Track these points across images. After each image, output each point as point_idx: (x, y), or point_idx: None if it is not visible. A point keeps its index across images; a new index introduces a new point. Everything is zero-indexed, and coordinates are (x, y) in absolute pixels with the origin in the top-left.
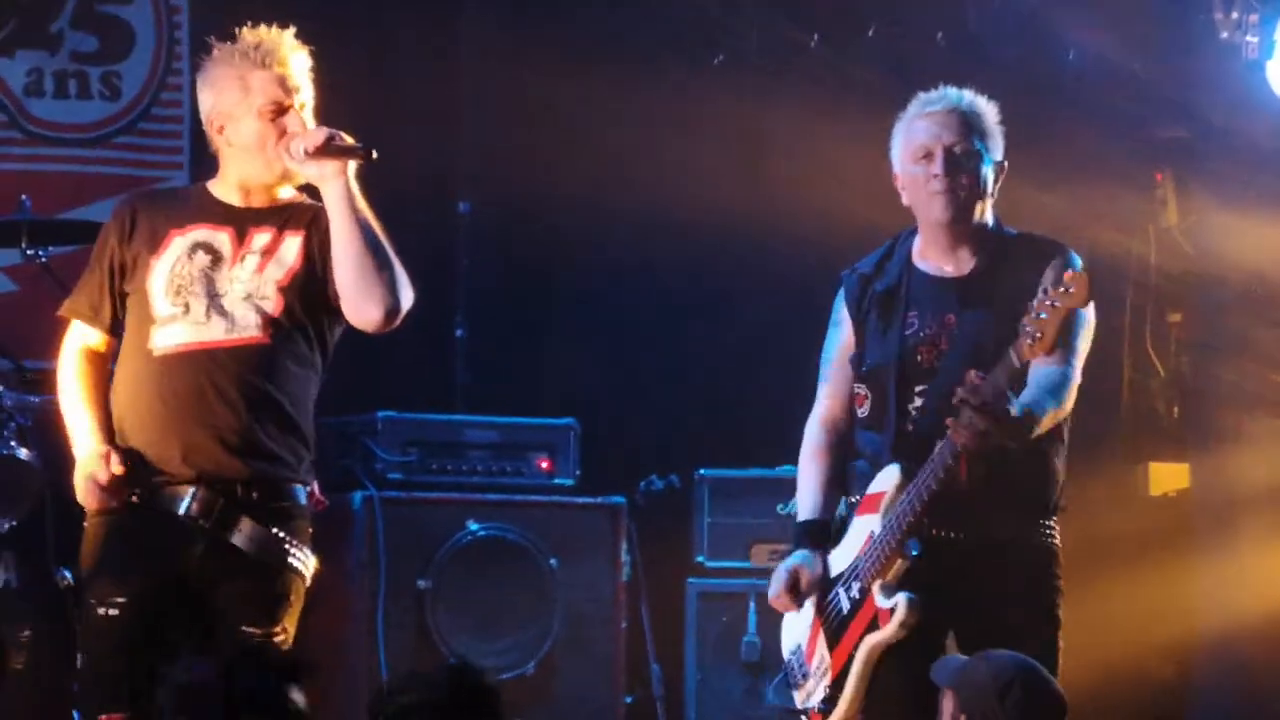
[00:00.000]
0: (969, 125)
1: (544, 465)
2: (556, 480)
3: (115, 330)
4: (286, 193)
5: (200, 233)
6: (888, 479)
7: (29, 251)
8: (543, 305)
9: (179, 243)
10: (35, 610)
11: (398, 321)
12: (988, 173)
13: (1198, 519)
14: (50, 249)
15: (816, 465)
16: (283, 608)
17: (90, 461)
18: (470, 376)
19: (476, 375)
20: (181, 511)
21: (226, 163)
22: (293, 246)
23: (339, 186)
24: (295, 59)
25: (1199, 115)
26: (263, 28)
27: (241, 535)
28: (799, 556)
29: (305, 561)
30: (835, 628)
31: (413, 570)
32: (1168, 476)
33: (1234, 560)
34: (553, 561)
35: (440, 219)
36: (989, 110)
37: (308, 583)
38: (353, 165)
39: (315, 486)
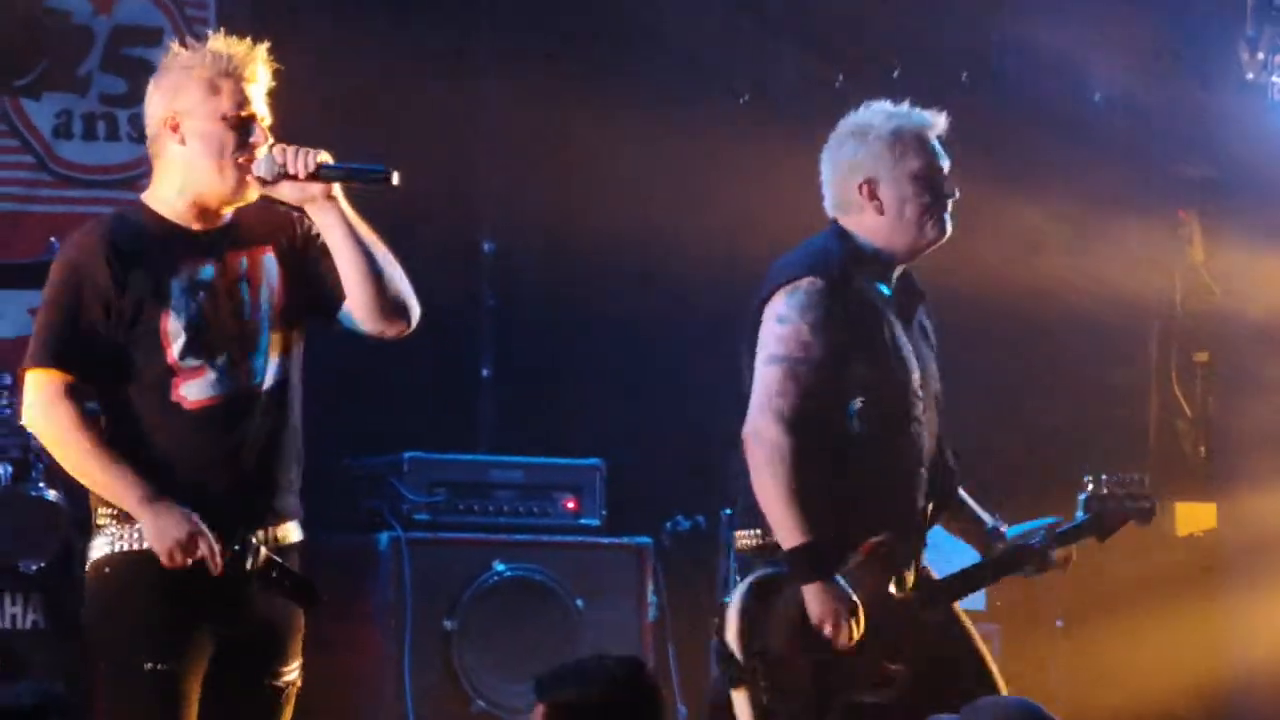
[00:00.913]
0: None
1: (570, 505)
2: (583, 520)
3: (93, 376)
4: (231, 209)
5: (190, 270)
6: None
7: None
8: (568, 345)
9: (178, 288)
10: (64, 651)
11: (413, 326)
12: None
13: (1225, 559)
14: None
15: (799, 481)
16: (300, 641)
17: (175, 525)
18: (496, 417)
19: (502, 415)
20: (218, 561)
21: (171, 170)
22: (270, 267)
23: (335, 211)
24: (264, 75)
25: (1224, 154)
26: (234, 39)
27: (281, 580)
28: (834, 593)
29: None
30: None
31: (439, 611)
32: (1195, 517)
33: (1262, 600)
34: (579, 602)
35: (465, 259)
36: None
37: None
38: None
39: None
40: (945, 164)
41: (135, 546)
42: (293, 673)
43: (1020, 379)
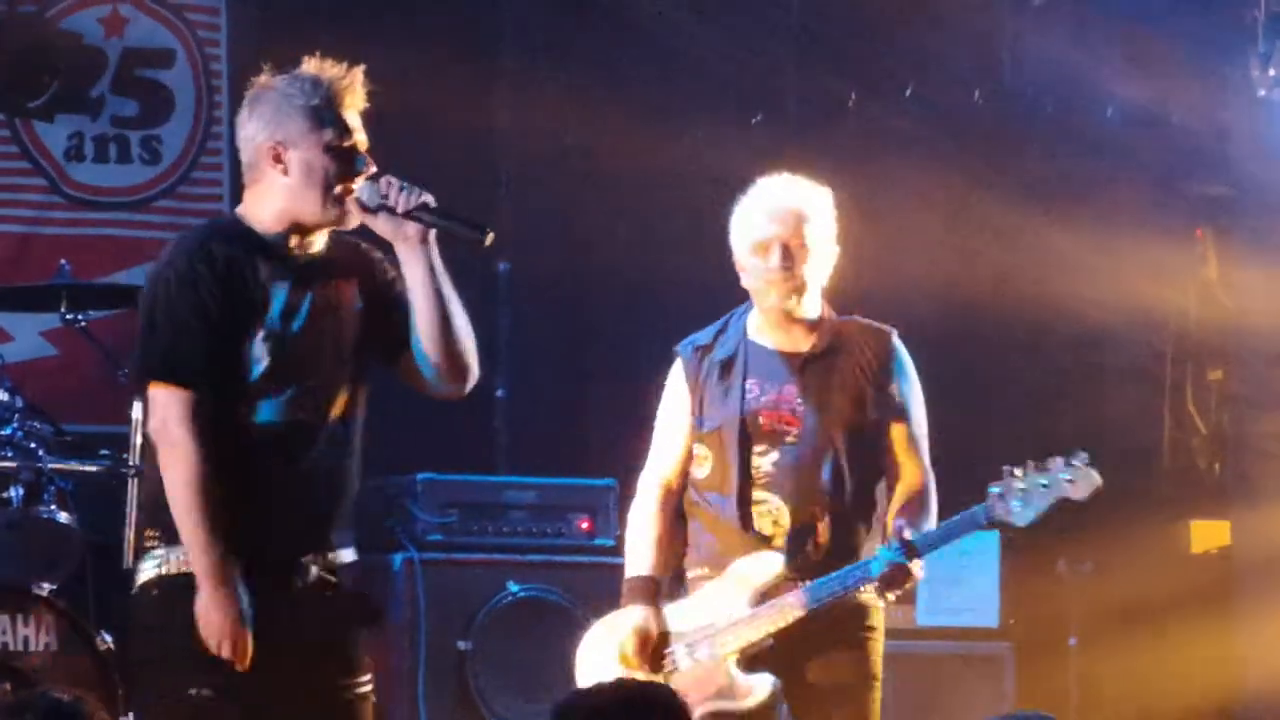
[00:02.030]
0: (801, 219)
1: (584, 526)
2: (597, 541)
3: (211, 390)
4: (324, 235)
5: (282, 290)
6: (764, 567)
7: (68, 316)
8: (582, 365)
9: (275, 304)
10: (77, 673)
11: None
12: (820, 262)
13: (1239, 576)
14: (90, 313)
15: (651, 522)
16: (365, 657)
17: (227, 612)
18: (510, 437)
19: (516, 436)
20: (272, 584)
21: (270, 195)
22: (351, 298)
23: (423, 254)
24: (363, 100)
25: (1237, 170)
26: (330, 62)
27: (337, 602)
28: (640, 615)
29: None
30: (675, 682)
31: (453, 631)
32: (1209, 534)
33: (1276, 617)
34: (593, 622)
35: (479, 279)
36: (821, 200)
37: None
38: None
39: None
40: (773, 238)
41: (182, 569)
42: (365, 685)
43: (1034, 395)
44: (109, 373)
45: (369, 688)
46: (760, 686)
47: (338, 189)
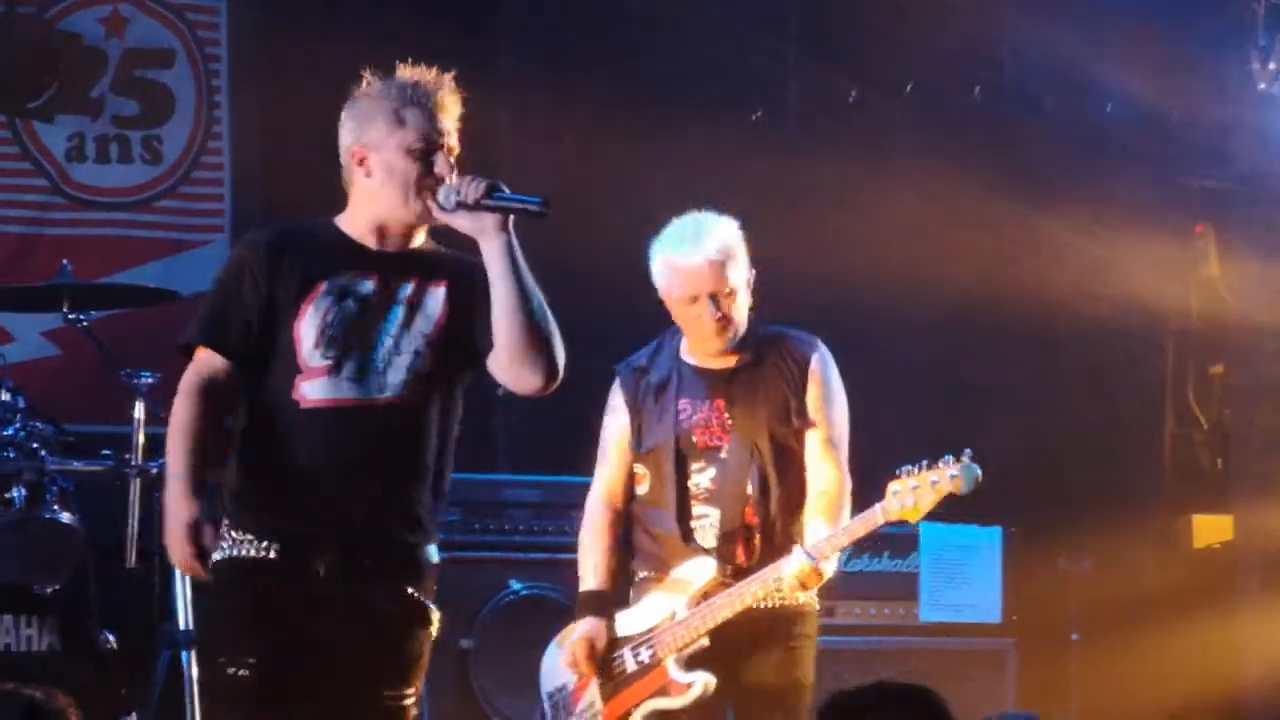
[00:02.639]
0: (723, 267)
1: None
2: None
3: (245, 364)
4: (419, 238)
5: (348, 279)
6: (701, 571)
7: (70, 316)
8: (583, 363)
9: (328, 289)
10: (80, 674)
11: (555, 385)
12: (744, 294)
13: (1242, 571)
14: (92, 313)
15: (598, 540)
16: (416, 669)
17: (179, 525)
18: (511, 435)
19: (518, 434)
20: (322, 573)
21: (361, 199)
22: (437, 298)
23: (501, 244)
24: (452, 105)
25: (1238, 165)
26: (423, 68)
27: (381, 598)
28: (588, 625)
29: (435, 619)
30: (616, 682)
31: (456, 630)
32: (1211, 529)
33: (1279, 612)
34: None
35: None
36: (732, 236)
37: (433, 640)
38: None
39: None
40: (700, 291)
41: (236, 553)
42: (407, 698)
43: (1035, 391)
44: (111, 373)
45: (411, 700)
46: (696, 685)
47: (423, 190)
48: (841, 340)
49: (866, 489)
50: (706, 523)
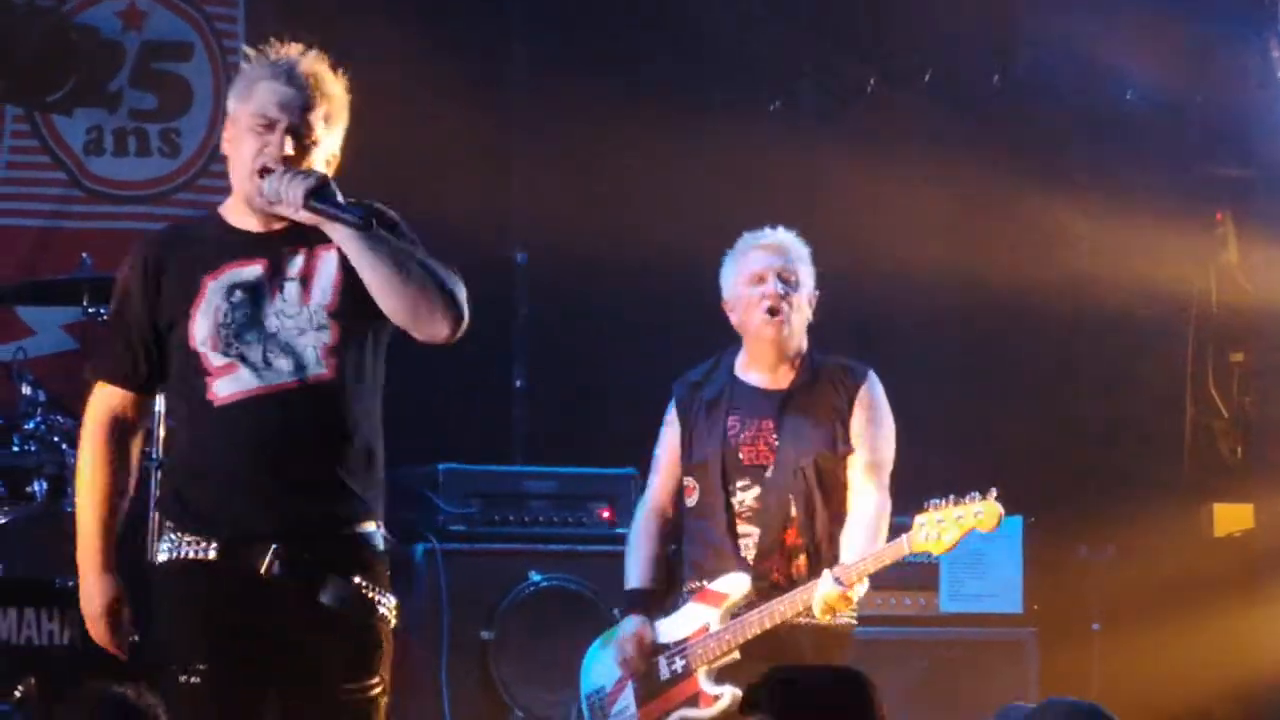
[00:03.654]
0: (795, 256)
1: (605, 515)
2: (618, 530)
3: (148, 389)
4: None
5: (233, 273)
6: (736, 586)
7: (90, 309)
8: (601, 354)
9: (214, 288)
10: (100, 668)
11: (465, 324)
12: (807, 296)
13: (1263, 560)
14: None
15: (646, 542)
16: (377, 657)
17: (97, 609)
18: (530, 427)
19: (536, 426)
20: (263, 571)
21: (231, 178)
22: (329, 264)
23: (345, 236)
24: (313, 81)
25: (1258, 153)
26: (291, 45)
27: (329, 592)
28: (638, 622)
29: (390, 607)
30: (650, 688)
31: (476, 621)
32: (1232, 518)
33: None
34: (615, 611)
35: (497, 270)
36: (804, 248)
37: (392, 625)
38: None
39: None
40: (768, 268)
41: (179, 554)
42: (372, 689)
43: (1054, 379)
44: None
45: (376, 690)
46: (724, 697)
47: (251, 172)
48: (860, 330)
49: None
50: (749, 541)
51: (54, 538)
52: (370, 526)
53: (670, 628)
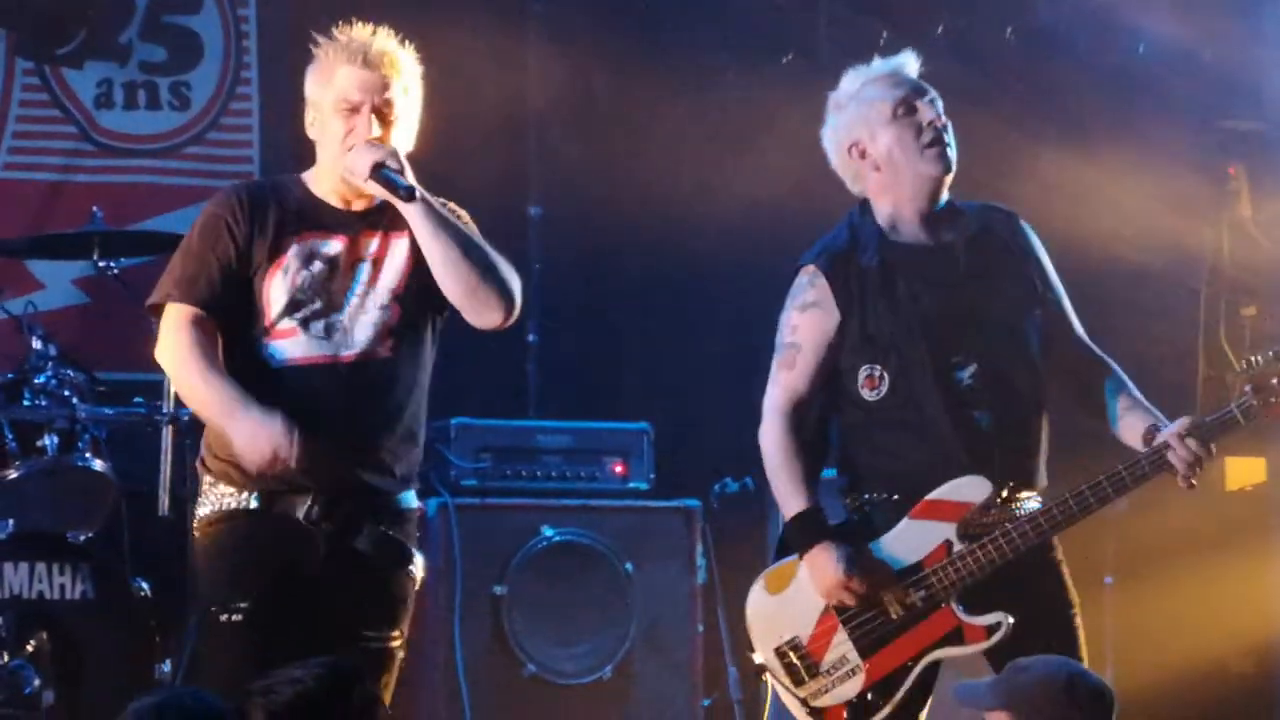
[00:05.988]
0: (931, 85)
1: (618, 469)
2: (631, 484)
3: (219, 317)
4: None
5: (315, 242)
6: (973, 490)
7: (100, 263)
8: (615, 309)
9: (296, 251)
10: (113, 621)
11: (517, 313)
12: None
13: (1275, 513)
14: (122, 260)
15: (801, 456)
16: (402, 611)
17: (270, 433)
18: (543, 381)
19: (549, 380)
20: (302, 516)
21: (319, 157)
22: (400, 250)
23: (411, 210)
24: (387, 61)
25: (1271, 106)
26: (362, 26)
27: (363, 539)
28: (847, 551)
29: (418, 564)
30: (876, 632)
31: (488, 576)
32: (1244, 471)
33: None
34: (628, 566)
35: (511, 224)
36: None
37: (417, 585)
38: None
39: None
40: (925, 99)
41: (219, 506)
42: (392, 640)
43: None
44: (141, 320)
45: (396, 643)
46: (1000, 627)
47: (342, 151)
48: None
49: None
50: (974, 428)
51: (65, 492)
52: (405, 493)
53: (889, 552)
